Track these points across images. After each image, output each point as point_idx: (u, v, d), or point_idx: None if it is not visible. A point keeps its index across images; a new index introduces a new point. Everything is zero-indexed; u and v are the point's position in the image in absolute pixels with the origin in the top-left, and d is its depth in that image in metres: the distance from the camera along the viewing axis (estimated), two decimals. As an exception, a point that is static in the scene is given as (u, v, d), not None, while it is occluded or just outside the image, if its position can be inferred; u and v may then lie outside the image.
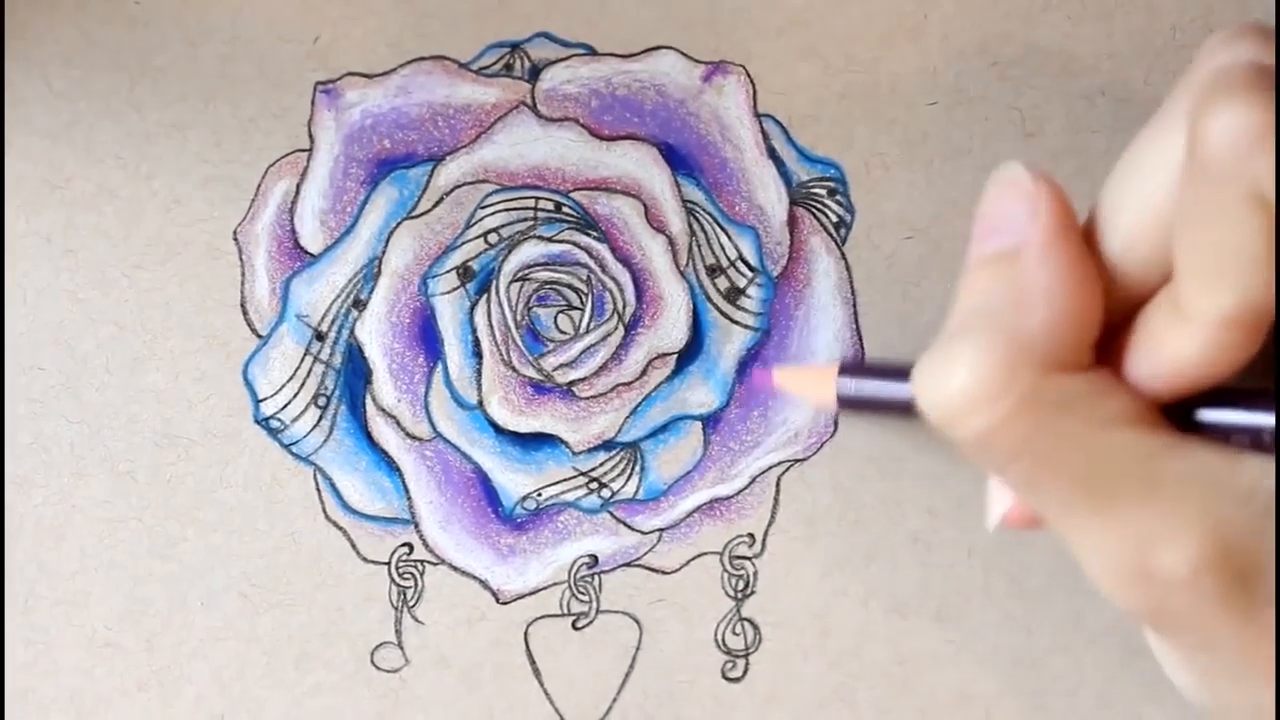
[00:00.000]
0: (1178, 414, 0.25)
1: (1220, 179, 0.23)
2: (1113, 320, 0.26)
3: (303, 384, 0.37)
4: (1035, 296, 0.25)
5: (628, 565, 0.37)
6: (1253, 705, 0.25)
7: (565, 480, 0.38)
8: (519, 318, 0.38)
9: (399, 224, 0.38)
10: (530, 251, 0.38)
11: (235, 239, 0.38)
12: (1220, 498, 0.24)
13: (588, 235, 0.38)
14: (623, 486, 0.38)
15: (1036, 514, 0.27)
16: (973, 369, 0.24)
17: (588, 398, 0.38)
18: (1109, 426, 0.24)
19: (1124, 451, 0.24)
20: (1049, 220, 0.25)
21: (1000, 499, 0.30)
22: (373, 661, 0.37)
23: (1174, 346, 0.24)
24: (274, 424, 0.37)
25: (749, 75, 0.38)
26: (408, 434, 0.38)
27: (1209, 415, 0.25)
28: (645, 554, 0.37)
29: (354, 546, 0.37)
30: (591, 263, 0.38)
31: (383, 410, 0.38)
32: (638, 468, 0.38)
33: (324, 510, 0.37)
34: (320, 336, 0.38)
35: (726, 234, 0.38)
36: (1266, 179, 0.22)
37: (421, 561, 0.37)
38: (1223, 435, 0.25)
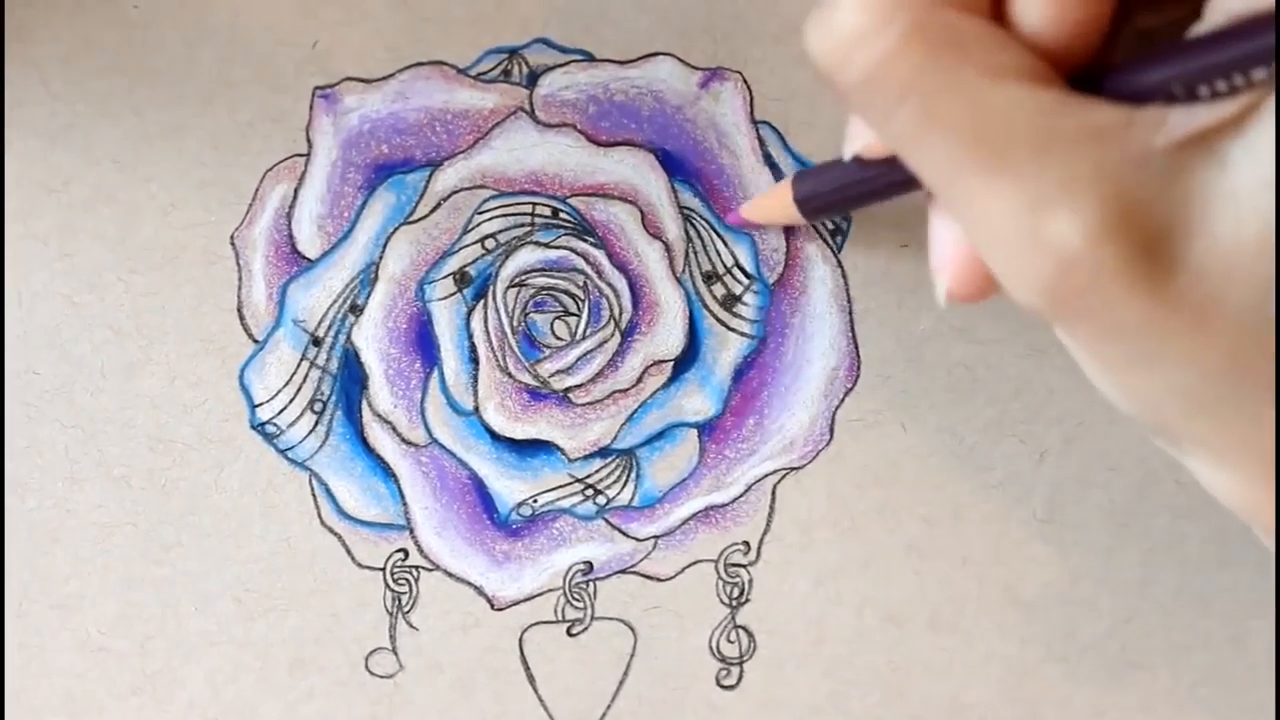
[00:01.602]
0: (1083, 87, 0.23)
1: None
2: None
3: (299, 389, 0.37)
4: None
5: (623, 572, 0.37)
6: (1167, 389, 0.23)
7: (561, 487, 0.38)
8: (515, 323, 0.38)
9: (396, 229, 0.38)
10: (527, 257, 0.38)
11: (232, 243, 0.38)
12: (1117, 155, 0.21)
13: (585, 241, 0.38)
14: (618, 493, 0.37)
15: (953, 226, 0.25)
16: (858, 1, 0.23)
17: (584, 404, 0.38)
18: (1001, 77, 0.22)
19: (1016, 106, 0.22)
20: None
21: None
22: (367, 667, 0.37)
23: None
24: (270, 429, 0.37)
25: (746, 82, 0.38)
26: (403, 440, 0.38)
27: (1117, 82, 0.23)
28: (640, 561, 0.37)
29: (349, 552, 0.37)
30: (588, 269, 0.38)
31: (379, 416, 0.38)
32: (633, 475, 0.38)
33: (319, 516, 0.37)
34: (317, 342, 0.38)
35: (723, 240, 0.38)
36: None
37: (416, 567, 0.37)
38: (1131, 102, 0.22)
